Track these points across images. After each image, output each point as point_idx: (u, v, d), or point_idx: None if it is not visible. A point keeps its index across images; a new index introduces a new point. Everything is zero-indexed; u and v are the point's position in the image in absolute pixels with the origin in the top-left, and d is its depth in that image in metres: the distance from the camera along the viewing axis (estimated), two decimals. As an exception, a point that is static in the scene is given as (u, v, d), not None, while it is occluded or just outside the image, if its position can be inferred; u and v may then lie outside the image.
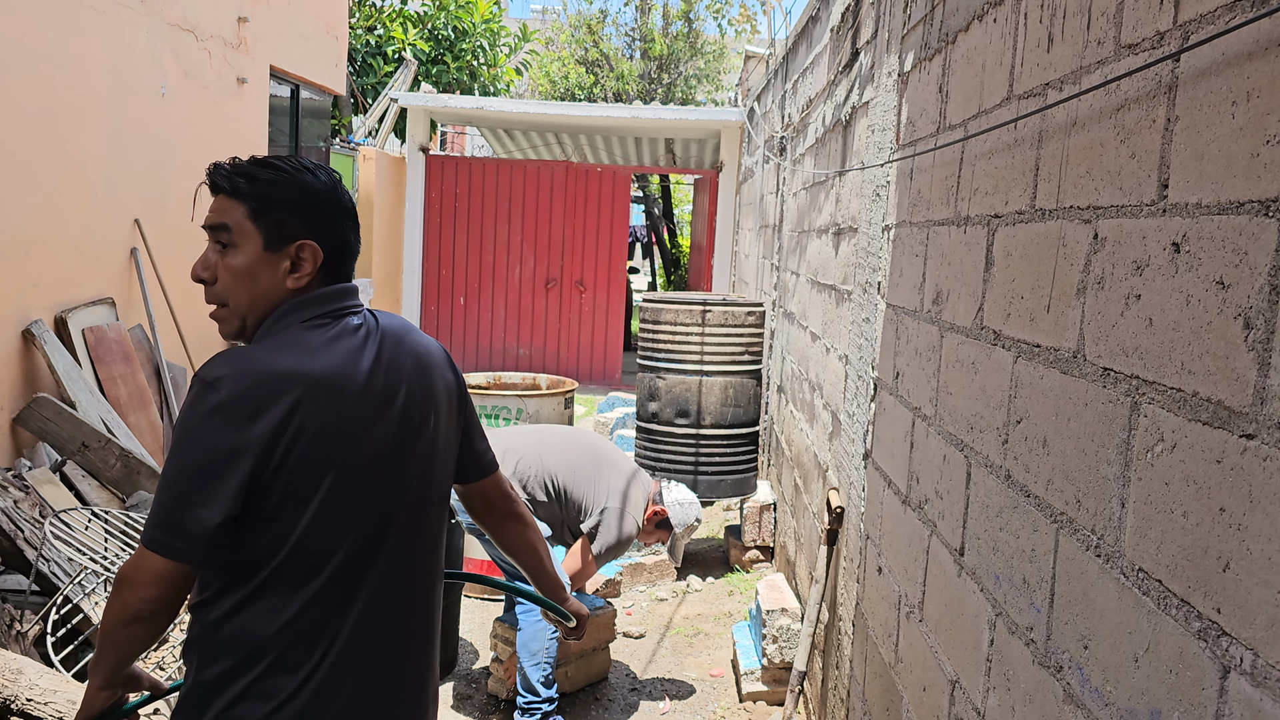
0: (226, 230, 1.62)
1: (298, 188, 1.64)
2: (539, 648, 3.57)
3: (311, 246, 1.64)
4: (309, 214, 1.64)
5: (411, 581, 1.73)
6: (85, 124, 5.12)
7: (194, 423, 1.51)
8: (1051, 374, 1.57)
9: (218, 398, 1.50)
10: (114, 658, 1.59)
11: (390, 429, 1.65)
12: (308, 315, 1.63)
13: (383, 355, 1.66)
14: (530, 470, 3.70)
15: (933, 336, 2.31)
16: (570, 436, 3.95)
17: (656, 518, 3.88)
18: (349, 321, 1.67)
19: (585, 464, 3.78)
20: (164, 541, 1.49)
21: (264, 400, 1.51)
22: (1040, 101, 1.69)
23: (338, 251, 1.68)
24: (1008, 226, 1.82)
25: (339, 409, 1.57)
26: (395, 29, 12.33)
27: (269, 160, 1.66)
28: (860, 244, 3.35)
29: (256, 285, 1.62)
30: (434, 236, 10.96)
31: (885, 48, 3.15)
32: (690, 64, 18.55)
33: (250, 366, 1.53)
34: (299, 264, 1.63)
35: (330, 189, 1.68)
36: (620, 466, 3.86)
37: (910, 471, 2.46)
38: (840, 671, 3.26)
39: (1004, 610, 1.73)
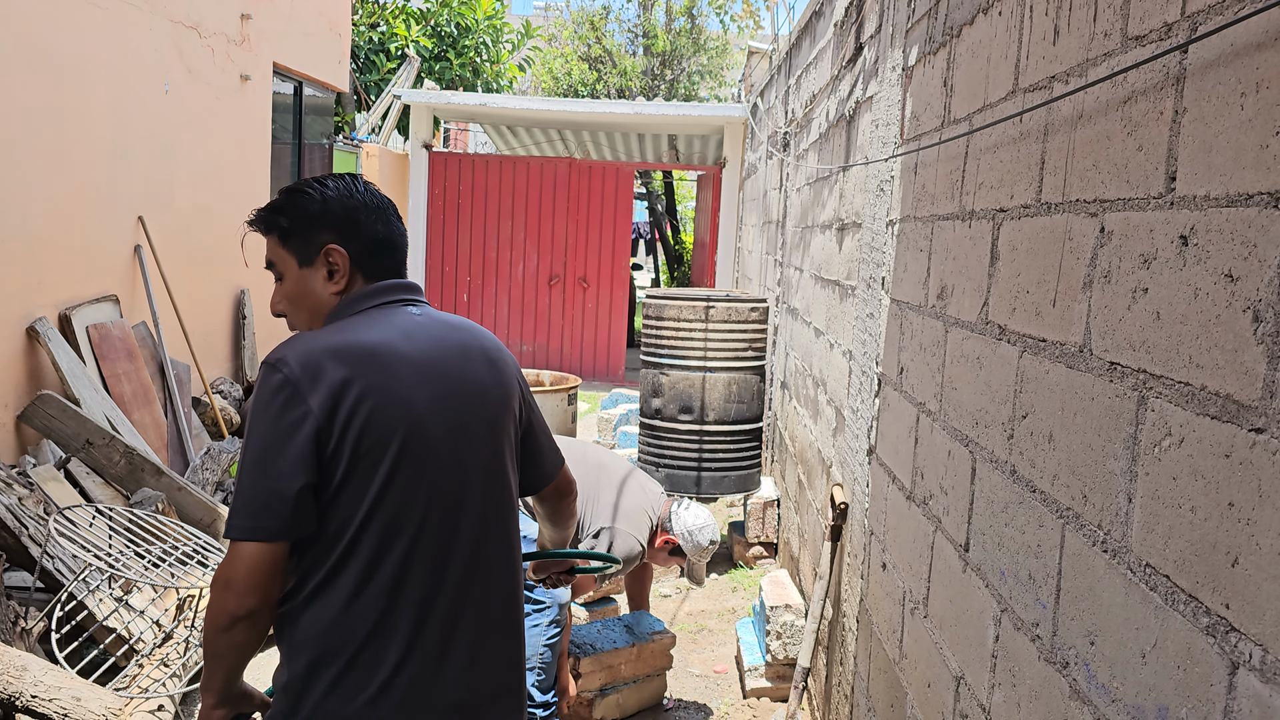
0: (273, 265, 1.74)
1: (312, 200, 1.71)
2: (531, 653, 3.54)
3: (337, 250, 1.70)
4: (328, 220, 1.71)
5: (492, 563, 1.75)
6: (89, 122, 5.12)
7: (261, 405, 1.57)
8: (1058, 368, 1.56)
9: (280, 376, 1.56)
10: (222, 671, 1.60)
11: (454, 409, 1.68)
12: (360, 307, 1.71)
13: (443, 338, 1.71)
14: None
15: (937, 331, 2.30)
16: (582, 452, 3.83)
17: (668, 546, 3.73)
18: (407, 310, 1.73)
19: (592, 482, 3.65)
20: (251, 526, 1.51)
21: (320, 370, 1.56)
22: (1046, 95, 1.68)
23: (371, 247, 1.73)
24: (1013, 221, 1.81)
25: (396, 378, 1.61)
26: (398, 25, 12.32)
27: (289, 187, 1.76)
28: (864, 239, 3.34)
29: (308, 301, 1.73)
30: (437, 233, 10.95)
31: (889, 42, 3.13)
32: (693, 60, 18.53)
33: (307, 345, 1.61)
34: (333, 270, 1.71)
35: (345, 192, 1.73)
36: (630, 488, 3.72)
37: (915, 467, 2.45)
38: (844, 668, 3.25)
39: (1009, 606, 1.72)
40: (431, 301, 11.06)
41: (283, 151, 7.94)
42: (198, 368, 6.15)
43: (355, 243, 1.72)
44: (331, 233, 1.71)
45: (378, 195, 1.80)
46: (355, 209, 1.74)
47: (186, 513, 4.59)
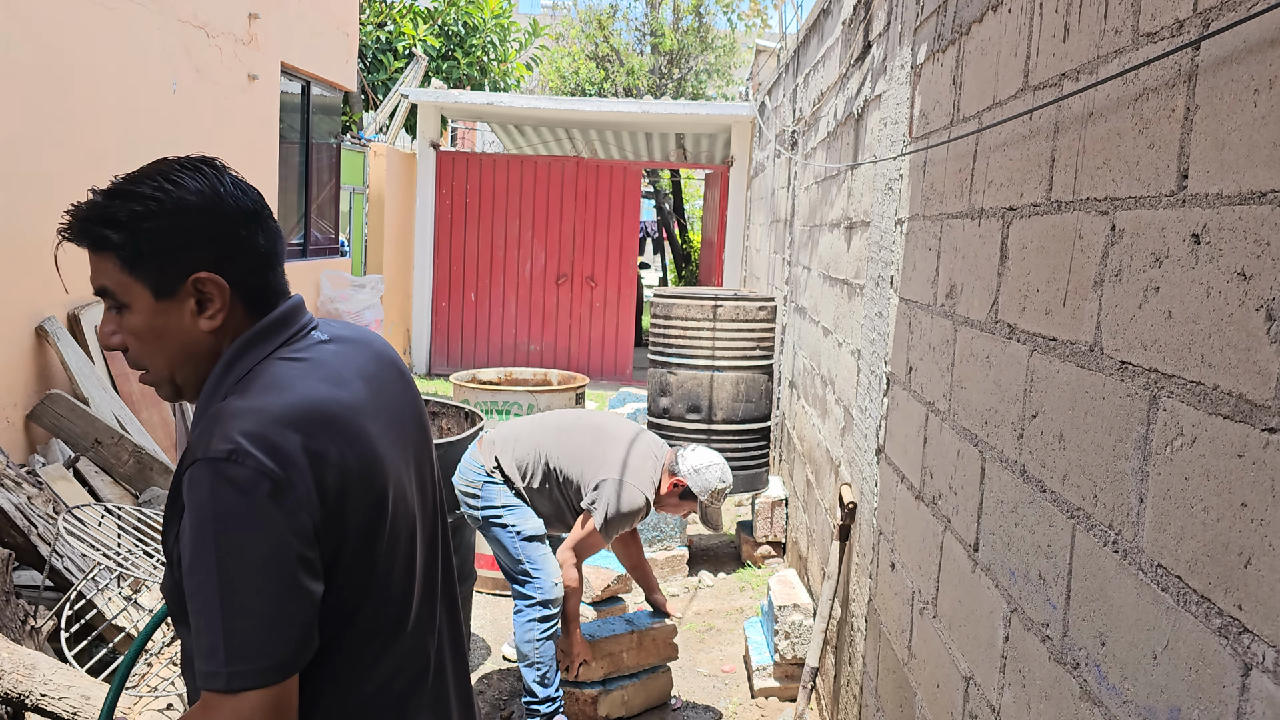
0: (109, 293, 1.31)
1: (167, 213, 1.28)
2: (529, 649, 3.53)
3: (211, 280, 1.30)
4: (193, 239, 1.29)
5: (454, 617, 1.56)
6: (97, 121, 5.14)
7: (231, 509, 1.19)
8: (1068, 368, 1.55)
9: (246, 471, 1.20)
10: None
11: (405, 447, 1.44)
12: (268, 350, 1.35)
13: (365, 369, 1.42)
14: (528, 456, 3.63)
15: (946, 331, 2.29)
16: (574, 418, 3.83)
17: (677, 489, 3.62)
18: (319, 343, 1.40)
19: (584, 443, 3.64)
20: (250, 672, 1.17)
21: (287, 449, 1.23)
22: (1056, 92, 1.67)
23: (252, 268, 1.35)
24: (1023, 219, 1.80)
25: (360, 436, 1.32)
26: (406, 25, 12.33)
27: (124, 187, 1.30)
28: (873, 238, 3.33)
29: (169, 342, 1.32)
30: (445, 232, 10.96)
31: (898, 40, 3.12)
32: (700, 59, 18.52)
33: (253, 424, 1.23)
34: (205, 302, 1.32)
35: (211, 196, 1.31)
36: (626, 440, 3.66)
37: (924, 466, 2.44)
38: (853, 667, 3.24)
39: (1019, 606, 1.71)
40: (439, 301, 11.10)
41: (290, 151, 7.96)
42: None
43: (235, 266, 1.33)
44: (201, 257, 1.30)
45: (250, 192, 1.37)
46: (229, 219, 1.32)
47: (195, 512, 4.60)
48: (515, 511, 3.60)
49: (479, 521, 3.64)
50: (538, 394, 5.07)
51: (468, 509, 3.67)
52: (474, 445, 3.76)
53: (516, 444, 3.67)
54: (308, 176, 8.37)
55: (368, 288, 8.67)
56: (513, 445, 3.67)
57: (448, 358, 11.17)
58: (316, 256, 8.62)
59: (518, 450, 3.65)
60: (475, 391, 5.08)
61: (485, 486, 3.61)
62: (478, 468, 3.65)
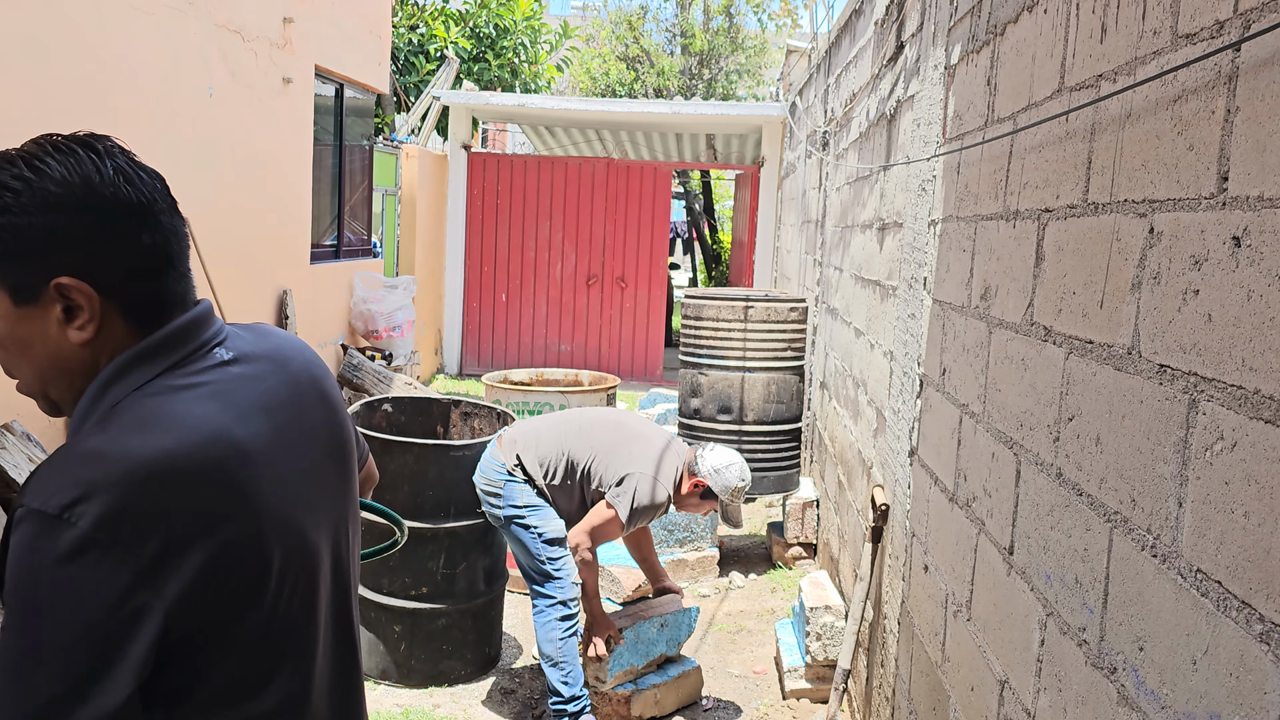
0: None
1: (24, 208, 1.07)
2: (551, 649, 3.55)
3: (75, 286, 1.09)
4: (54, 238, 1.08)
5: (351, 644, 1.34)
6: (136, 125, 5.22)
7: (36, 579, 0.99)
8: (1105, 371, 1.55)
9: (68, 536, 0.98)
10: None
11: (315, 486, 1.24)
12: (154, 373, 1.12)
13: (275, 395, 1.20)
14: (551, 453, 3.65)
15: (981, 332, 2.28)
16: (595, 416, 3.86)
17: (698, 489, 3.65)
18: (222, 364, 1.18)
19: (608, 439, 3.67)
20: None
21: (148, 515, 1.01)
22: (1093, 93, 1.66)
23: (132, 274, 1.12)
24: (1059, 221, 1.79)
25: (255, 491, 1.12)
26: (438, 27, 12.42)
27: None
28: (905, 239, 3.31)
29: (35, 352, 1.13)
30: (476, 234, 11.03)
31: (931, 40, 3.11)
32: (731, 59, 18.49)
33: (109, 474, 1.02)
34: (73, 311, 1.10)
35: (81, 186, 1.09)
36: (647, 438, 3.71)
37: (958, 469, 2.43)
38: (885, 670, 3.23)
39: (1055, 610, 1.70)
40: (470, 302, 11.16)
41: (324, 153, 8.04)
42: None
43: (107, 270, 1.10)
44: (64, 257, 1.08)
45: (140, 181, 1.15)
46: (103, 214, 1.10)
47: (232, 510, 4.67)
48: (538, 512, 3.62)
49: (500, 520, 3.67)
50: (569, 394, 5.09)
51: (489, 508, 3.71)
52: (493, 444, 3.79)
53: (538, 442, 3.69)
54: (341, 178, 8.45)
55: (400, 289, 8.74)
56: (534, 443, 3.69)
57: (479, 358, 11.24)
58: (349, 258, 8.70)
59: (540, 448, 3.67)
60: (507, 392, 5.11)
61: (507, 485, 3.64)
62: (499, 466, 3.68)
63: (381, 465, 3.87)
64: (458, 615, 3.96)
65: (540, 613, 3.59)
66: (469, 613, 4.00)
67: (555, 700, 3.55)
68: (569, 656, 3.54)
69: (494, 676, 4.10)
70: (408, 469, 3.84)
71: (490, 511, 3.71)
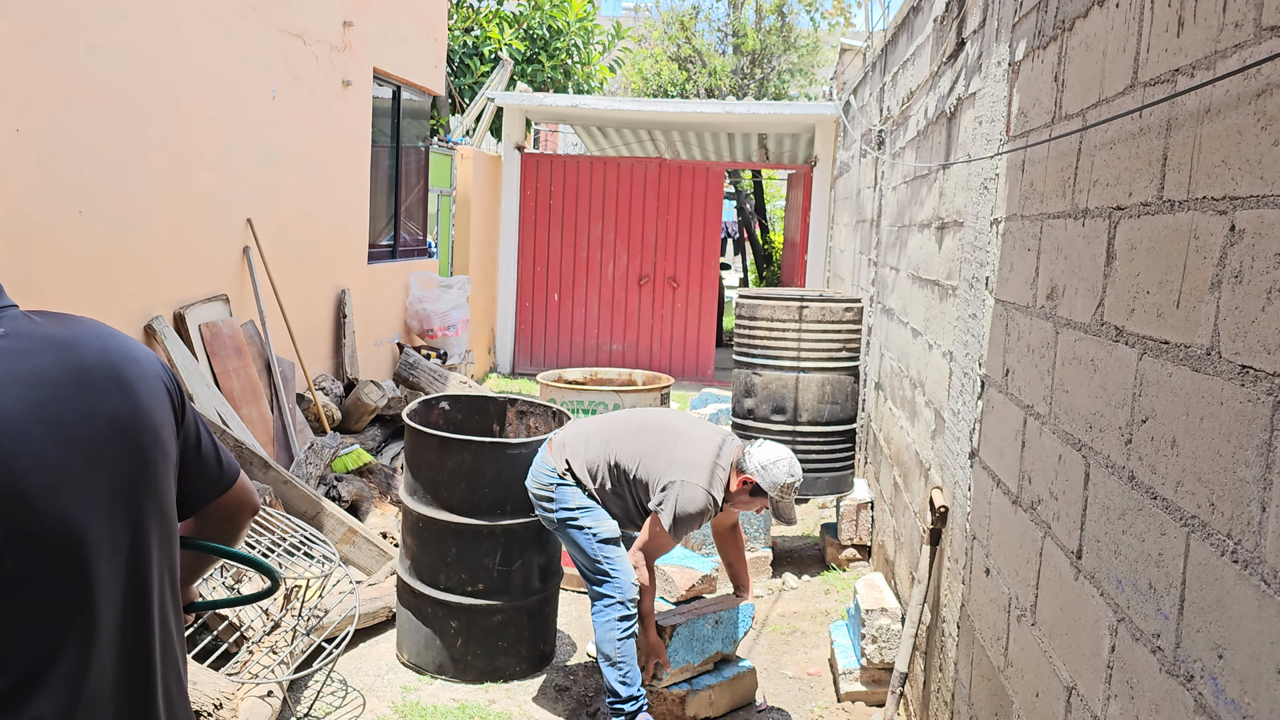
0: None
1: None
2: (610, 649, 3.56)
3: None
4: None
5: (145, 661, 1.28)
6: (202, 127, 5.34)
7: None
8: (1181, 372, 1.51)
9: None
10: None
11: (94, 465, 1.21)
12: None
13: (48, 375, 1.20)
14: (598, 459, 3.66)
15: (1047, 333, 2.25)
16: (644, 419, 3.82)
17: (747, 486, 3.58)
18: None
19: (653, 444, 3.64)
20: None
21: None
22: (1169, 88, 1.63)
23: None
24: (1132, 219, 1.76)
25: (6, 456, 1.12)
26: (492, 29, 12.52)
27: None
28: (966, 238, 3.27)
29: None
30: (529, 234, 11.10)
31: (994, 37, 3.07)
32: (783, 58, 18.39)
33: None
34: None
35: None
36: (695, 440, 3.65)
37: (1021, 471, 2.40)
38: (944, 674, 3.19)
39: (1126, 616, 1.67)
40: (523, 302, 11.24)
41: (381, 154, 8.15)
42: (301, 365, 6.35)
43: None
44: None
45: None
46: None
47: (292, 505, 4.75)
48: (591, 514, 3.64)
49: (554, 524, 3.69)
50: (623, 394, 5.10)
51: (542, 512, 3.73)
52: (544, 448, 3.81)
53: (586, 447, 3.70)
54: (398, 179, 8.56)
55: (454, 288, 8.83)
56: (583, 448, 3.70)
57: (530, 357, 11.31)
58: (405, 258, 8.81)
59: (588, 453, 3.69)
60: (561, 391, 5.14)
61: (559, 489, 3.66)
62: (549, 470, 3.70)
63: (439, 463, 3.91)
64: (513, 612, 3.99)
65: (599, 612, 3.60)
66: (524, 609, 4.02)
67: (612, 699, 3.56)
68: (627, 656, 3.55)
69: (548, 673, 4.12)
70: (465, 466, 3.88)
71: (543, 515, 3.74)
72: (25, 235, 4.06)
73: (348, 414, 6.56)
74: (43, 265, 4.18)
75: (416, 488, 4.00)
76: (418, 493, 3.99)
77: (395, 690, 3.88)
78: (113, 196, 4.62)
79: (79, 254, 4.42)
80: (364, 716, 3.67)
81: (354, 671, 4.02)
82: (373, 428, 6.79)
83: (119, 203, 4.67)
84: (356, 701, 3.78)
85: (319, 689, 3.81)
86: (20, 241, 4.04)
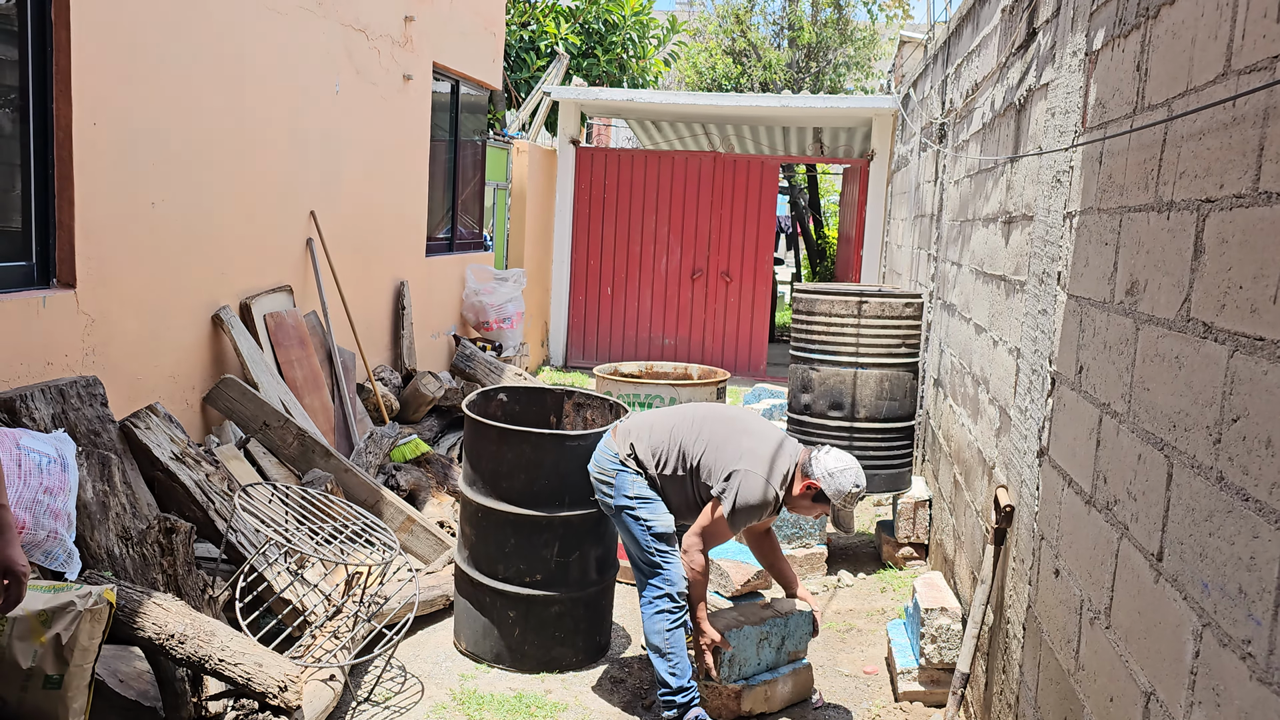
0: None
1: None
2: (659, 640, 3.56)
3: None
4: None
5: None
6: (268, 121, 5.43)
7: None
8: (1277, 369, 1.46)
9: None
10: None
11: None
12: None
13: None
14: (663, 444, 3.68)
15: (1126, 329, 2.19)
16: (710, 410, 3.83)
17: (810, 491, 3.56)
18: None
19: (721, 434, 3.66)
20: None
21: None
22: (1267, 76, 1.57)
23: None
24: (1223, 211, 1.70)
25: None
26: (548, 24, 12.56)
27: None
28: (1036, 232, 3.21)
29: None
30: (583, 227, 11.13)
31: (1069, 26, 3.00)
32: (839, 51, 18.20)
33: None
34: None
35: None
36: (761, 435, 3.67)
37: (1095, 470, 2.34)
38: (1008, 676, 3.14)
39: (1213, 621, 1.62)
40: (576, 295, 11.27)
41: (439, 148, 8.22)
42: (361, 355, 6.44)
43: None
44: None
45: None
46: None
47: (352, 493, 4.82)
48: (649, 506, 3.65)
49: (611, 509, 3.73)
50: (679, 387, 5.09)
51: (602, 496, 3.77)
52: (608, 434, 3.83)
53: (651, 432, 3.73)
54: (455, 173, 8.63)
55: (510, 281, 8.88)
56: (647, 433, 3.73)
57: (583, 351, 11.34)
58: (462, 250, 8.88)
59: (653, 438, 3.71)
60: (617, 384, 5.14)
61: (619, 475, 3.68)
62: (611, 455, 3.73)
63: (499, 454, 3.94)
64: (570, 603, 4.01)
65: (648, 604, 3.61)
66: (581, 601, 4.04)
67: (664, 691, 3.56)
68: (676, 647, 3.55)
69: (604, 665, 4.13)
70: (524, 458, 3.90)
71: (602, 500, 3.77)
72: (101, 226, 4.16)
73: (406, 404, 6.64)
74: (118, 256, 4.28)
75: (476, 479, 4.03)
76: (477, 483, 4.02)
77: (453, 678, 3.92)
78: (184, 189, 4.71)
79: (152, 245, 4.52)
80: (422, 703, 3.71)
81: (413, 658, 4.07)
82: (430, 418, 6.86)
83: (189, 195, 4.77)
84: (415, 688, 3.82)
85: (379, 674, 3.86)
86: (97, 232, 4.14)
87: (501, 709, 3.68)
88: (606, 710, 3.77)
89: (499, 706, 3.70)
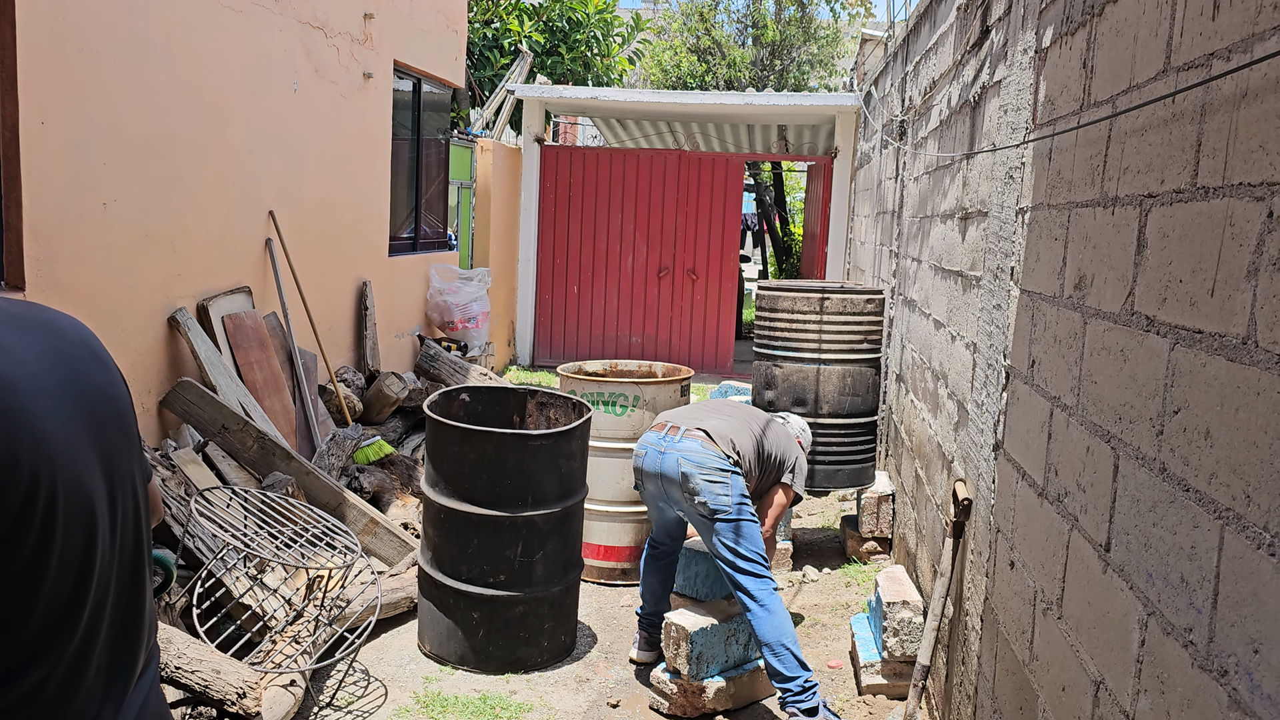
0: None
1: None
2: (790, 636, 3.58)
3: None
4: None
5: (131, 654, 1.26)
6: (225, 120, 5.36)
7: None
8: (1216, 362, 1.49)
9: None
10: None
11: (94, 437, 1.19)
12: None
13: (40, 346, 1.17)
14: (746, 442, 3.85)
15: (1074, 323, 2.22)
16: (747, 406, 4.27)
17: None
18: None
19: (773, 427, 4.11)
20: None
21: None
22: (1204, 73, 1.60)
23: None
24: (1164, 206, 1.73)
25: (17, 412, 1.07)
26: (511, 21, 12.51)
27: None
28: (990, 228, 3.24)
29: None
30: (548, 225, 11.10)
31: (1020, 24, 3.03)
32: (803, 49, 18.29)
33: None
34: None
35: None
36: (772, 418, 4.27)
37: (1048, 463, 2.37)
38: (966, 667, 3.17)
39: (1157, 609, 1.64)
40: (543, 294, 11.24)
41: (401, 147, 8.17)
42: (323, 356, 6.38)
43: None
44: None
45: None
46: None
47: (314, 496, 4.77)
48: (752, 507, 3.77)
49: (723, 512, 3.65)
50: (643, 386, 5.09)
51: (708, 497, 3.64)
52: (688, 439, 3.75)
53: (731, 432, 3.84)
54: (418, 172, 8.57)
55: (475, 280, 8.84)
56: (728, 433, 3.84)
57: (550, 350, 11.32)
58: (426, 250, 8.82)
59: (736, 439, 3.83)
60: (581, 382, 5.13)
61: (734, 478, 3.73)
62: (718, 456, 3.72)
63: (461, 454, 3.92)
64: (534, 603, 3.99)
65: (773, 599, 3.61)
66: (545, 601, 4.03)
67: (805, 678, 3.55)
68: (794, 639, 3.59)
69: (569, 664, 4.12)
70: (487, 458, 3.88)
71: (705, 501, 3.65)
72: (51, 227, 4.09)
73: (369, 406, 6.59)
74: (68, 257, 4.21)
75: (438, 479, 4.01)
76: (439, 484, 4.00)
77: (417, 680, 3.90)
78: (137, 189, 4.64)
79: (104, 246, 4.45)
80: (386, 706, 3.69)
81: (376, 661, 4.04)
82: (394, 419, 6.82)
83: (143, 195, 4.70)
84: (378, 691, 3.79)
85: (341, 679, 3.83)
86: (46, 233, 4.07)
87: (466, 711, 3.66)
88: (572, 710, 3.76)
89: (463, 708, 3.68)
